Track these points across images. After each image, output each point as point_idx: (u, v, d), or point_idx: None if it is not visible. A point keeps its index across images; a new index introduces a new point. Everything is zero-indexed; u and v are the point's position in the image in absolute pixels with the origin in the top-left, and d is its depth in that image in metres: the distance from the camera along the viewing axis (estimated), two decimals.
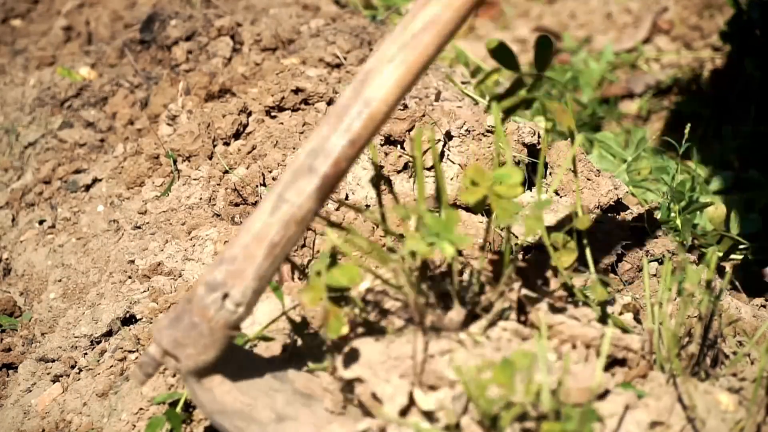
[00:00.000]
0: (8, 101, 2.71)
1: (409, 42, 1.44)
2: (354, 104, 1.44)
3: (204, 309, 1.44)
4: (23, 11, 3.16)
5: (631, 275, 2.00)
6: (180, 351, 1.45)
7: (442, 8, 1.45)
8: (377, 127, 1.46)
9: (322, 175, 1.44)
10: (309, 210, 1.44)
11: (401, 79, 1.45)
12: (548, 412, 1.41)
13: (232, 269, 1.44)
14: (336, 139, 1.44)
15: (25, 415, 1.96)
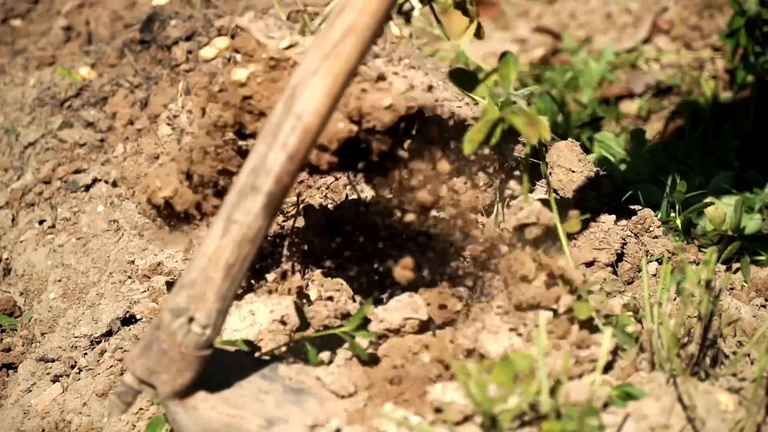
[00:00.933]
0: (8, 101, 2.71)
1: (331, 52, 1.44)
2: (286, 120, 1.45)
3: (172, 335, 1.46)
4: (23, 11, 3.16)
5: (631, 275, 2.00)
6: (155, 378, 1.46)
7: (358, 14, 1.44)
8: (314, 138, 1.46)
9: (266, 192, 1.45)
10: (260, 228, 1.46)
11: (329, 89, 1.45)
12: (548, 412, 1.41)
13: (193, 293, 1.45)
14: (274, 156, 1.44)
15: (25, 415, 1.96)
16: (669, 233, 2.17)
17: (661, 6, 3.57)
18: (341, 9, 1.45)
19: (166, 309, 1.46)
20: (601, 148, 2.57)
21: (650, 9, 3.58)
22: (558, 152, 2.11)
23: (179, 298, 1.46)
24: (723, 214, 2.30)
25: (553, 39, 3.65)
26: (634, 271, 2.00)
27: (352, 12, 1.44)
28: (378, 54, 2.51)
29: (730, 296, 2.08)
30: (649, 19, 3.55)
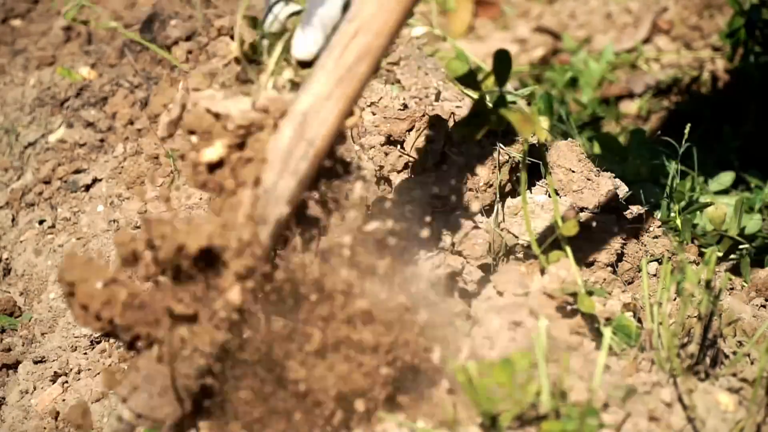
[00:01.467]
0: (8, 101, 2.71)
1: (345, 75, 1.43)
2: (297, 146, 1.43)
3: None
4: (23, 11, 3.16)
5: (631, 275, 2.00)
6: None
7: (373, 37, 1.43)
8: (322, 160, 1.45)
9: (273, 222, 1.43)
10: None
11: (342, 112, 1.44)
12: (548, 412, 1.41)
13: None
14: (284, 184, 1.43)
15: (25, 415, 1.96)
16: (669, 233, 2.17)
17: (661, 6, 3.57)
18: (355, 32, 1.43)
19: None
20: (601, 148, 2.57)
21: (650, 9, 3.59)
22: (558, 152, 2.11)
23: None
24: (723, 214, 2.30)
25: (553, 39, 3.65)
26: (634, 271, 2.00)
27: (368, 35, 1.43)
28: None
29: (730, 296, 2.08)
30: (649, 19, 3.55)
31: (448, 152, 2.04)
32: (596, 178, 2.07)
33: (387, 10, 1.42)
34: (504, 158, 2.03)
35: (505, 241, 1.97)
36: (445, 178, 2.01)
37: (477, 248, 1.93)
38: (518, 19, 3.81)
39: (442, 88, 2.38)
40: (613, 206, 2.08)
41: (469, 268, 1.90)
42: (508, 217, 2.02)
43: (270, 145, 1.44)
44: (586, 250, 1.96)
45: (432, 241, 1.93)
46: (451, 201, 2.00)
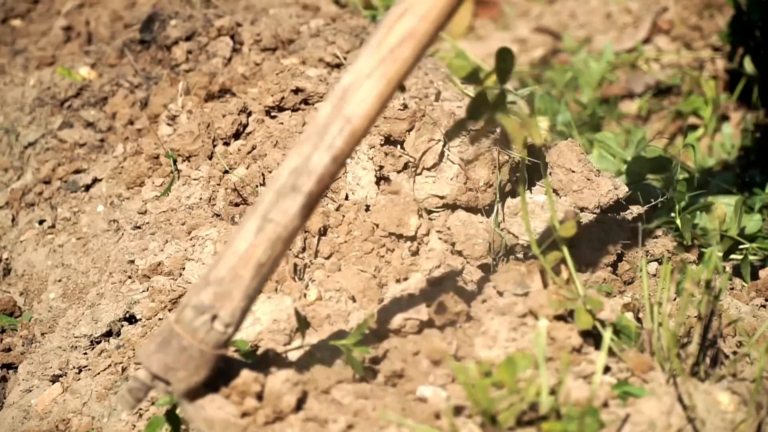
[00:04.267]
0: (8, 101, 2.71)
1: (387, 56, 1.43)
2: (335, 121, 1.44)
3: (194, 332, 1.45)
4: (23, 11, 3.16)
5: (631, 275, 2.00)
6: (171, 375, 1.45)
7: (418, 20, 1.43)
8: (358, 141, 1.46)
9: (307, 193, 1.44)
10: (295, 228, 1.45)
11: (381, 94, 1.44)
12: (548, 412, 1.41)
13: (219, 291, 1.44)
14: (318, 157, 1.44)
15: (25, 415, 1.96)
16: (669, 233, 2.17)
17: (661, 6, 3.57)
18: (401, 13, 1.43)
19: (189, 305, 1.45)
20: (601, 148, 2.57)
21: (650, 9, 3.58)
22: (558, 152, 2.11)
23: (204, 295, 1.45)
24: (723, 214, 2.30)
25: (553, 39, 3.65)
26: (634, 271, 2.00)
27: (413, 18, 1.43)
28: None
29: (730, 296, 2.08)
30: (649, 19, 3.55)
31: (448, 152, 2.04)
32: (596, 178, 2.07)
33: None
34: (504, 158, 2.03)
35: (505, 241, 1.97)
36: (444, 179, 2.01)
37: (477, 248, 1.93)
38: (518, 19, 3.81)
39: (442, 88, 2.38)
40: (613, 206, 2.08)
41: (469, 268, 1.90)
42: (508, 217, 2.02)
43: (308, 120, 1.46)
44: (586, 250, 1.96)
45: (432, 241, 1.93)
46: (451, 201, 2.00)
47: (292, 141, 2.18)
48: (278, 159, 2.13)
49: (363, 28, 2.64)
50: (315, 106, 2.28)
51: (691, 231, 2.23)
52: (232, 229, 1.96)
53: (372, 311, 1.74)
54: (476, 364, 1.49)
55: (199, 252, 2.03)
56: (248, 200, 2.11)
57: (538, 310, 1.60)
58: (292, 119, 2.24)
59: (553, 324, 1.59)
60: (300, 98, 2.29)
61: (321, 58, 2.48)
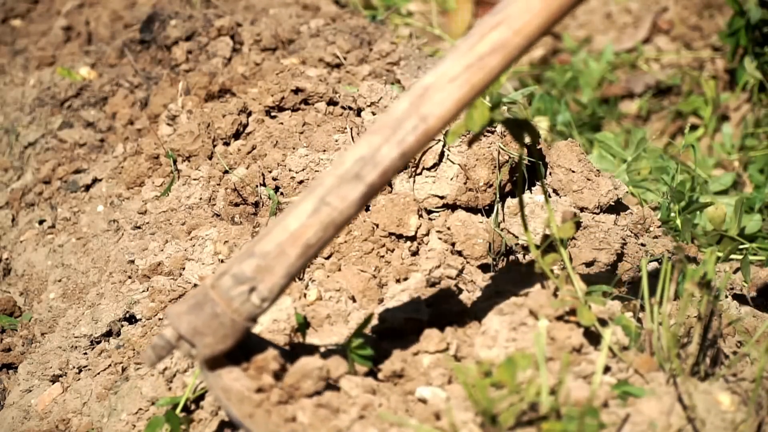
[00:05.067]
0: (8, 101, 2.71)
1: (475, 63, 1.43)
2: (410, 118, 1.44)
3: (229, 300, 1.45)
4: (23, 11, 3.16)
5: (631, 275, 2.00)
6: (198, 339, 1.46)
7: (512, 34, 1.44)
8: (428, 142, 1.46)
9: (368, 183, 1.44)
10: (349, 216, 1.45)
11: (462, 99, 1.44)
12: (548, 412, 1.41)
13: (262, 264, 1.44)
14: (387, 150, 1.44)
15: (25, 415, 1.96)
16: (669, 233, 2.17)
17: (661, 6, 3.57)
18: (496, 24, 1.44)
19: (228, 273, 1.45)
20: (601, 148, 2.57)
21: (650, 9, 3.59)
22: (558, 152, 2.11)
23: (246, 265, 1.45)
24: (723, 214, 2.30)
25: (553, 39, 3.65)
26: (634, 271, 2.00)
27: (507, 30, 1.43)
28: (366, 57, 2.51)
29: (730, 296, 2.08)
30: (649, 19, 3.55)
31: (448, 152, 2.04)
32: (596, 178, 2.07)
33: (532, 12, 1.43)
34: (504, 158, 2.03)
35: (505, 241, 1.97)
36: (444, 179, 2.01)
37: (477, 248, 1.93)
38: None
39: None
40: (613, 206, 2.08)
41: (469, 268, 1.90)
42: (508, 217, 2.02)
43: (384, 112, 1.46)
44: (586, 250, 1.96)
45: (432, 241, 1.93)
46: (451, 201, 2.00)
47: (292, 141, 2.18)
48: (278, 159, 2.13)
49: (363, 28, 2.64)
50: (315, 106, 2.28)
51: (691, 231, 2.23)
52: (286, 207, 1.96)
53: (372, 311, 1.74)
54: (476, 364, 1.49)
55: (199, 252, 2.03)
56: (248, 200, 2.11)
57: (538, 310, 1.60)
58: (292, 119, 2.24)
59: (553, 324, 1.59)
60: (300, 98, 2.29)
61: (321, 58, 2.48)
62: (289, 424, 1.47)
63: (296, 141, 2.18)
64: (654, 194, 2.40)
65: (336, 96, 2.30)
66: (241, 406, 1.48)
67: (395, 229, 1.91)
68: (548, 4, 1.43)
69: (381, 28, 2.69)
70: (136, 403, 1.79)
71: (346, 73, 2.44)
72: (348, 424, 1.48)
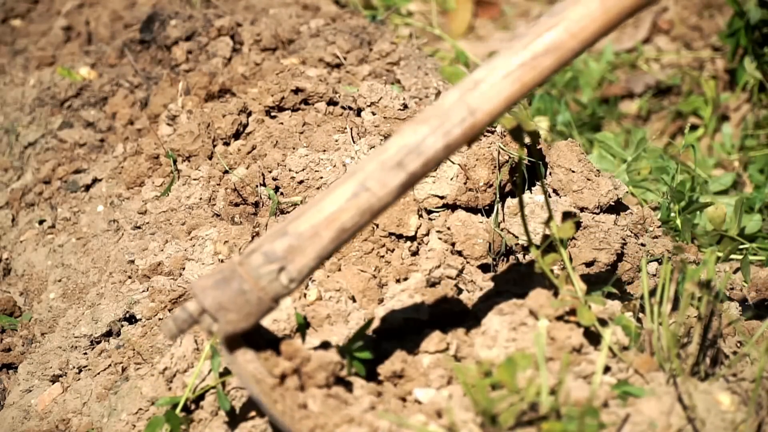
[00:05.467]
0: (8, 101, 2.71)
1: (529, 62, 1.44)
2: (458, 110, 1.44)
3: (257, 278, 1.44)
4: (23, 11, 3.16)
5: (631, 275, 2.00)
6: (222, 314, 1.45)
7: (569, 36, 1.44)
8: (475, 136, 1.45)
9: (410, 172, 1.44)
10: (387, 203, 1.44)
11: (512, 96, 1.44)
12: (548, 412, 1.41)
13: (295, 244, 1.43)
14: (432, 141, 1.44)
15: (25, 415, 1.96)
16: (669, 233, 2.17)
17: (661, 6, 3.57)
18: (553, 25, 1.44)
19: (259, 250, 1.44)
20: (601, 148, 2.57)
21: (650, 9, 3.59)
22: (558, 152, 2.11)
23: (278, 244, 1.44)
24: (723, 214, 2.30)
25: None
26: (634, 271, 2.00)
27: (564, 33, 1.44)
28: (366, 57, 2.51)
29: (730, 296, 2.08)
30: (649, 19, 3.55)
31: None
32: (596, 178, 2.07)
33: (590, 17, 1.44)
34: (504, 158, 2.03)
35: (505, 241, 1.97)
36: (444, 179, 2.01)
37: (477, 248, 1.93)
38: (518, 19, 3.81)
39: (442, 88, 2.38)
40: (613, 206, 2.08)
41: (469, 268, 1.90)
42: (508, 217, 2.01)
43: (434, 103, 1.45)
44: (586, 250, 1.96)
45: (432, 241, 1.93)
46: (451, 201, 2.00)
47: (292, 141, 2.18)
48: (278, 159, 2.13)
49: (363, 28, 2.64)
50: (315, 106, 2.28)
51: (691, 231, 2.23)
52: (323, 190, 1.95)
53: (372, 313, 1.74)
54: (476, 364, 1.49)
55: (199, 252, 2.03)
56: (248, 200, 2.11)
57: (538, 310, 1.60)
58: (292, 119, 2.24)
59: (553, 324, 1.59)
60: (300, 98, 2.29)
61: (321, 58, 2.48)
62: (301, 410, 1.47)
63: (296, 141, 2.18)
64: (654, 194, 2.40)
65: (336, 96, 2.30)
66: (258, 386, 1.48)
67: (395, 229, 1.91)
68: (607, 11, 1.44)
69: (381, 28, 2.69)
70: (136, 403, 1.79)
71: (346, 73, 2.44)
72: (359, 414, 1.48)
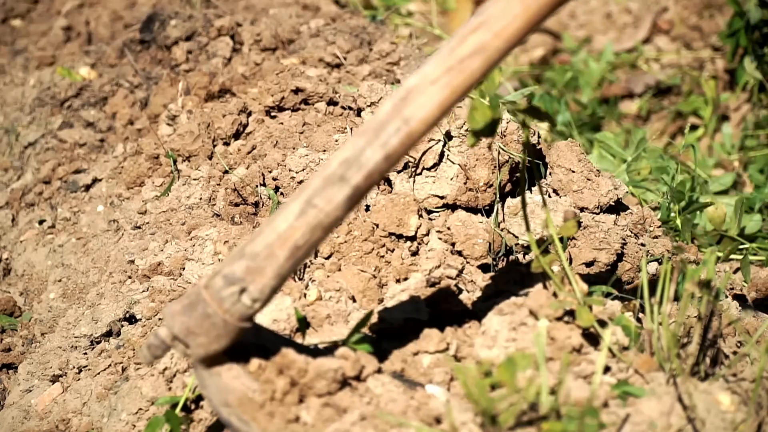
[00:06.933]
0: (8, 101, 2.71)
1: (456, 66, 1.44)
2: (393, 120, 1.45)
3: (220, 301, 1.45)
4: (23, 11, 3.16)
5: (631, 275, 2.00)
6: (191, 339, 1.46)
7: (492, 36, 1.44)
8: (413, 144, 1.46)
9: (353, 185, 1.45)
10: (336, 218, 1.46)
11: (444, 102, 1.45)
12: (548, 412, 1.41)
13: (252, 266, 1.45)
14: (371, 153, 1.45)
15: (25, 415, 1.96)
16: (669, 233, 2.17)
17: (661, 6, 3.57)
18: (476, 27, 1.45)
19: (220, 274, 1.46)
20: (601, 148, 2.57)
21: (650, 9, 3.59)
22: (558, 152, 2.11)
23: (237, 266, 1.45)
24: (723, 214, 2.30)
25: (553, 39, 3.65)
26: (634, 271, 2.00)
27: (487, 33, 1.44)
28: (366, 57, 2.51)
29: (730, 296, 2.08)
30: (649, 19, 3.55)
31: (448, 152, 2.04)
32: (596, 178, 2.07)
33: (512, 15, 1.44)
34: (504, 158, 2.03)
35: (505, 241, 1.97)
36: (444, 179, 2.01)
37: (477, 248, 1.93)
38: None
39: None
40: (613, 206, 2.08)
41: (469, 268, 1.90)
42: (508, 217, 2.02)
43: (367, 117, 1.45)
44: (586, 250, 1.96)
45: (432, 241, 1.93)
46: (451, 201, 2.00)
47: (292, 141, 2.18)
48: (278, 159, 2.13)
49: (363, 28, 2.64)
50: (315, 106, 2.28)
51: (691, 231, 2.23)
52: (276, 210, 1.97)
53: (372, 310, 1.74)
54: (476, 364, 1.49)
55: (199, 252, 2.03)
56: (248, 200, 2.11)
57: (538, 310, 1.60)
58: (292, 119, 2.24)
59: (553, 324, 1.59)
60: (300, 98, 2.29)
61: (321, 58, 2.48)
62: (291, 425, 1.47)
63: (296, 141, 2.18)
64: (654, 194, 2.40)
65: (336, 96, 2.30)
66: (241, 408, 1.48)
67: (395, 229, 1.91)
68: (526, 7, 1.44)
69: (381, 28, 2.69)
70: (136, 403, 1.79)
71: (346, 73, 2.44)
72: (348, 427, 1.48)
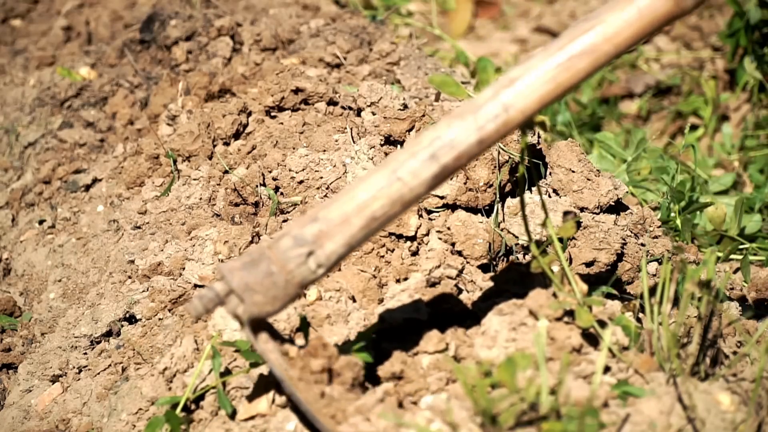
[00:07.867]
0: (8, 101, 2.71)
1: (564, 63, 1.46)
2: (492, 105, 1.45)
3: (285, 261, 1.45)
4: (23, 11, 3.16)
5: (631, 275, 2.00)
6: (248, 295, 1.46)
7: (603, 40, 1.47)
8: (507, 133, 1.47)
9: (442, 164, 1.45)
10: (418, 195, 1.46)
11: (545, 96, 1.46)
12: (548, 412, 1.41)
13: (324, 230, 1.45)
14: (465, 135, 1.45)
15: (25, 415, 1.96)
16: (669, 233, 2.17)
17: None
18: (589, 28, 1.47)
19: (289, 234, 1.46)
20: (601, 148, 2.57)
21: None
22: (558, 152, 2.11)
23: (308, 229, 1.45)
24: (723, 214, 2.30)
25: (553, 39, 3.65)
26: (634, 271, 2.00)
27: (599, 36, 1.47)
28: (366, 57, 2.51)
29: (730, 296, 2.08)
30: None
31: None
32: (596, 178, 2.07)
33: (626, 22, 1.46)
34: (504, 158, 2.03)
35: (505, 241, 1.97)
36: None
37: (477, 248, 1.93)
38: (518, 19, 3.81)
39: None
40: (613, 206, 2.08)
41: (469, 268, 1.90)
42: (508, 217, 2.01)
43: (467, 99, 1.46)
44: (586, 250, 1.96)
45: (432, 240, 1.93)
46: (451, 201, 2.00)
47: (292, 141, 2.18)
48: (278, 159, 2.13)
49: (363, 28, 2.64)
50: (315, 106, 2.28)
51: (691, 231, 2.23)
52: (355, 178, 1.96)
53: (372, 311, 1.74)
54: (476, 364, 1.49)
55: (199, 252, 2.03)
56: (248, 200, 2.11)
57: (538, 310, 1.60)
58: (292, 119, 2.24)
59: (553, 324, 1.59)
60: (300, 98, 2.29)
61: (321, 58, 2.47)
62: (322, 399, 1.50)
63: (296, 141, 2.18)
64: (654, 194, 2.40)
65: (336, 96, 2.30)
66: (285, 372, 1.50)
67: (395, 229, 1.91)
68: (642, 18, 1.46)
69: (381, 28, 2.69)
70: (136, 403, 1.79)
71: (346, 73, 2.44)
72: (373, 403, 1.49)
